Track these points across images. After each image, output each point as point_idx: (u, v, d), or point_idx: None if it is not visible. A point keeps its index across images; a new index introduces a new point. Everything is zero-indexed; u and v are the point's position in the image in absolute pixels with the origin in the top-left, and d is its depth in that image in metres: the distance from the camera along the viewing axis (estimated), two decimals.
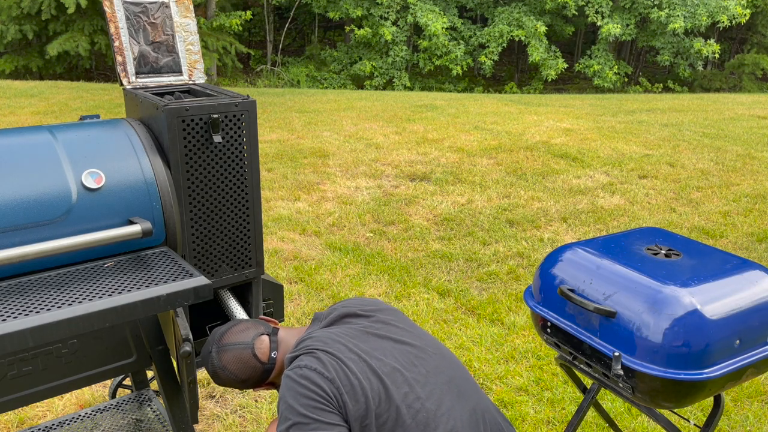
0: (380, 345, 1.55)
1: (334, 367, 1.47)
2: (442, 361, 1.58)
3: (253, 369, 1.62)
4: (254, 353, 1.61)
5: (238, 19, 15.36)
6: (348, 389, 1.45)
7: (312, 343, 1.55)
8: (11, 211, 1.47)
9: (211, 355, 1.63)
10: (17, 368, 1.55)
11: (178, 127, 1.74)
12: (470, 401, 1.53)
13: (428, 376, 1.52)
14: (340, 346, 1.52)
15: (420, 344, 1.59)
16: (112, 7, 1.90)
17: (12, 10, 13.55)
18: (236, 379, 1.61)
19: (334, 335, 1.57)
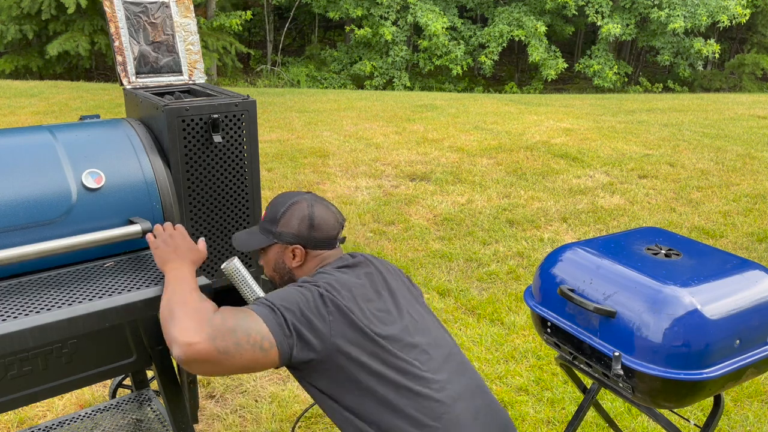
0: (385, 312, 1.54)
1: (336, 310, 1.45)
2: (443, 339, 1.58)
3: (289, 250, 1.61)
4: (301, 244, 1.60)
5: (238, 19, 15.36)
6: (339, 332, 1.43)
7: (329, 279, 1.52)
8: (11, 211, 1.47)
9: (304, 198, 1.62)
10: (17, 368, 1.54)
11: (178, 127, 1.74)
12: (470, 377, 1.53)
13: (431, 346, 1.52)
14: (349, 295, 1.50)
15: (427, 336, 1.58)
16: (112, 7, 1.90)
17: (12, 10, 13.55)
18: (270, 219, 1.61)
19: (352, 285, 1.53)
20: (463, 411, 1.45)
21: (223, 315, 1.34)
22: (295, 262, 1.61)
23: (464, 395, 1.48)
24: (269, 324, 1.35)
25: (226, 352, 1.29)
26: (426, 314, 1.62)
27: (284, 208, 1.61)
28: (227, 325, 1.31)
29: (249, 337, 1.32)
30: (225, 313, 1.35)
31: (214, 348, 1.28)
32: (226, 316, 1.34)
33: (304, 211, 1.60)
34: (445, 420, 1.41)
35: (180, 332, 1.29)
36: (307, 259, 1.61)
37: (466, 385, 1.51)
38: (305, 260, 1.61)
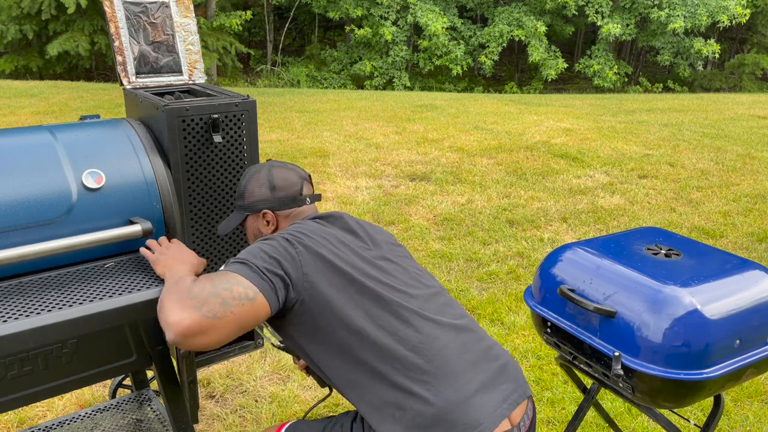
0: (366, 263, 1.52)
1: (303, 248, 1.45)
2: (429, 280, 1.58)
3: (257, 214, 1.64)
4: (270, 209, 1.63)
5: (238, 19, 15.36)
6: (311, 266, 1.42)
7: (299, 228, 1.53)
8: (11, 211, 1.47)
9: (264, 168, 1.66)
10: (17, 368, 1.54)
11: (178, 127, 1.74)
12: (457, 314, 1.51)
13: (412, 280, 1.52)
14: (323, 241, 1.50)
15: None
16: (112, 6, 1.90)
17: (12, 10, 13.54)
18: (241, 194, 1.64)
19: (323, 232, 1.53)
20: (448, 342, 1.42)
21: (201, 283, 1.33)
22: (269, 228, 1.65)
23: (448, 330, 1.45)
24: (246, 275, 1.35)
25: (215, 315, 1.28)
26: (411, 261, 1.62)
27: (245, 180, 1.66)
28: (207, 290, 1.31)
29: (232, 293, 1.32)
30: (202, 281, 1.34)
31: (202, 316, 1.27)
32: (204, 283, 1.33)
33: (263, 177, 1.65)
34: (425, 349, 1.38)
35: (167, 315, 1.29)
36: (279, 221, 1.65)
37: (451, 321, 1.48)
38: (278, 222, 1.65)
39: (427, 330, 1.41)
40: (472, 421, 1.32)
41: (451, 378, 1.36)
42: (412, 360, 1.36)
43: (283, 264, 1.39)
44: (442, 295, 1.55)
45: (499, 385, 1.41)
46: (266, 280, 1.36)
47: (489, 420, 1.33)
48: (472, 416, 1.32)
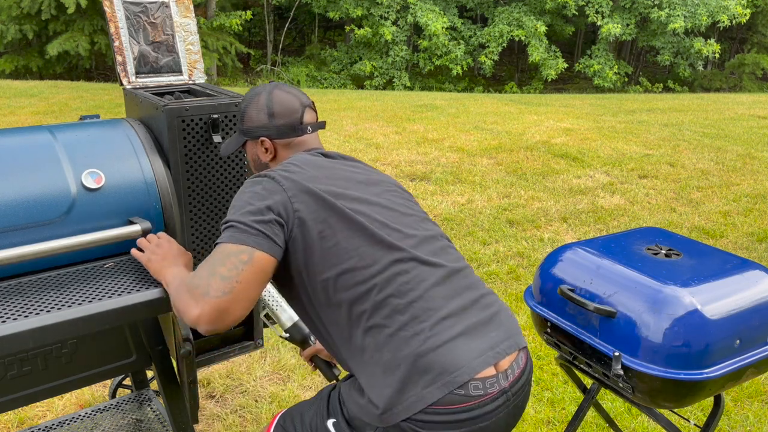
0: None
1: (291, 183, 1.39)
2: (428, 226, 1.49)
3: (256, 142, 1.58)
4: (268, 137, 1.56)
5: (238, 19, 15.35)
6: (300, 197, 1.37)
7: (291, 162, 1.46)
8: (11, 211, 1.47)
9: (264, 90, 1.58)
10: (17, 368, 1.55)
11: (178, 127, 1.73)
12: (441, 247, 1.45)
13: (404, 219, 1.45)
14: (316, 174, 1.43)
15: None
16: (112, 6, 1.90)
17: (12, 10, 13.54)
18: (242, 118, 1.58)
19: (317, 164, 1.47)
20: (436, 285, 1.35)
21: (199, 270, 1.32)
22: (268, 156, 1.58)
23: (440, 272, 1.37)
24: (235, 239, 1.31)
25: (225, 292, 1.27)
26: (412, 204, 1.53)
27: (245, 103, 1.59)
28: (206, 274, 1.30)
29: (226, 265, 1.29)
30: (200, 267, 1.33)
31: (214, 299, 1.26)
32: (201, 269, 1.32)
33: (262, 101, 1.57)
34: (410, 290, 1.31)
35: (187, 315, 1.29)
36: (278, 151, 1.58)
37: (445, 264, 1.40)
38: (276, 152, 1.58)
39: (415, 272, 1.34)
40: (449, 365, 1.24)
41: (432, 321, 1.29)
42: (393, 301, 1.30)
43: (273, 206, 1.34)
44: (440, 240, 1.46)
45: (488, 332, 1.33)
46: (257, 233, 1.31)
47: (469, 366, 1.25)
48: (450, 360, 1.25)
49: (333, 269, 1.33)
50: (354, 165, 1.54)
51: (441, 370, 1.24)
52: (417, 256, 1.37)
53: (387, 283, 1.31)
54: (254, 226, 1.32)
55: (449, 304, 1.33)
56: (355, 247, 1.34)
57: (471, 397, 1.24)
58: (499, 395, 1.29)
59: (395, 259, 1.34)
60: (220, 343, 2.05)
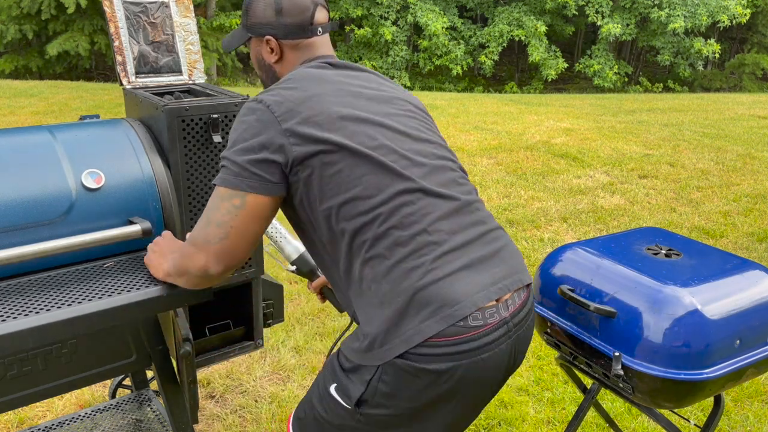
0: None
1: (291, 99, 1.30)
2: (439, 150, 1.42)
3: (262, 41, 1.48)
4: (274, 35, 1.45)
5: (238, 19, 15.35)
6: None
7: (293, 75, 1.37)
8: (11, 211, 1.47)
9: None
10: (17, 368, 1.54)
11: (177, 127, 1.73)
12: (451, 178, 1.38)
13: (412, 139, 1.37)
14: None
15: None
16: (112, 6, 1.90)
17: (12, 10, 13.54)
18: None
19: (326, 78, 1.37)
20: (441, 218, 1.29)
21: (198, 222, 1.32)
22: (273, 57, 1.47)
23: (448, 204, 1.31)
24: (227, 183, 1.27)
25: (221, 238, 1.26)
26: (426, 126, 1.43)
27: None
28: (202, 225, 1.29)
29: (220, 211, 1.26)
30: (200, 218, 1.32)
31: (215, 246, 1.27)
32: (198, 222, 1.31)
33: None
34: (414, 222, 1.25)
35: (195, 268, 1.30)
36: (284, 52, 1.47)
37: (453, 195, 1.33)
38: (282, 54, 1.47)
39: (422, 203, 1.28)
40: (450, 299, 1.21)
41: (434, 255, 1.24)
42: (395, 233, 1.25)
43: (267, 143, 1.26)
44: (452, 170, 1.38)
45: (491, 268, 1.29)
46: (249, 175, 1.25)
47: (469, 300, 1.22)
48: (451, 294, 1.21)
49: (335, 198, 1.27)
50: (364, 77, 1.43)
51: (441, 304, 1.21)
52: (424, 187, 1.29)
53: (391, 214, 1.25)
54: (247, 167, 1.26)
55: (453, 239, 1.28)
56: (359, 176, 1.27)
57: (471, 327, 1.22)
58: (499, 325, 1.26)
59: (401, 190, 1.27)
60: (220, 343, 2.05)
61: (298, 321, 3.33)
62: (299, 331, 3.21)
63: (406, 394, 1.23)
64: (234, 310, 2.10)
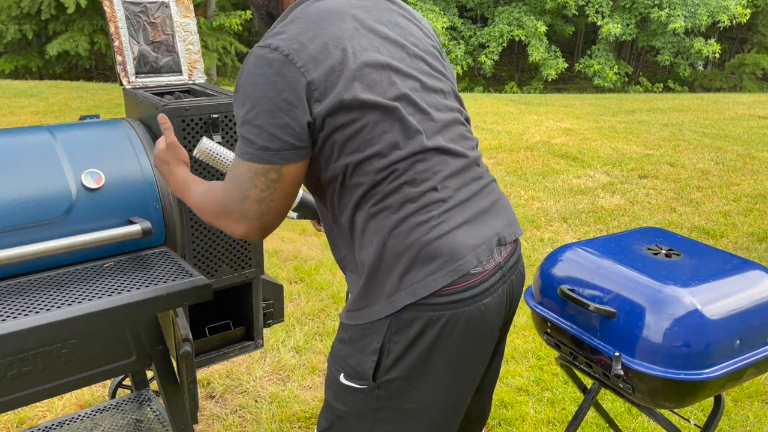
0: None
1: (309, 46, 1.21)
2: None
3: None
4: None
5: (238, 19, 15.36)
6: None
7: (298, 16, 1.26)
8: (11, 211, 1.47)
9: None
10: (17, 368, 1.54)
11: (178, 127, 1.73)
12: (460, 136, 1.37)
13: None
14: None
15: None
16: (112, 6, 1.90)
17: (12, 10, 13.54)
18: None
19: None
20: (450, 176, 1.29)
21: (227, 192, 1.25)
22: None
23: (457, 162, 1.31)
24: (258, 158, 1.20)
25: (262, 213, 1.24)
26: (441, 73, 1.39)
27: None
28: (237, 198, 1.24)
29: (258, 186, 1.21)
30: (227, 187, 1.26)
31: (255, 220, 1.25)
32: (230, 191, 1.25)
33: None
34: (427, 179, 1.26)
35: (232, 233, 1.29)
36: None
37: (461, 151, 1.33)
38: None
39: (435, 160, 1.28)
40: (454, 253, 1.24)
41: (440, 210, 1.26)
42: (406, 189, 1.25)
43: (292, 99, 1.18)
44: (460, 123, 1.38)
45: (489, 220, 1.33)
46: (281, 144, 1.19)
47: (473, 255, 1.25)
48: (455, 249, 1.24)
49: (353, 156, 1.23)
50: (380, 9, 1.35)
51: (446, 258, 1.23)
52: (439, 145, 1.29)
53: (405, 170, 1.25)
54: (277, 135, 1.18)
55: (458, 195, 1.30)
56: (380, 134, 1.24)
57: (471, 275, 1.25)
58: (495, 270, 1.30)
59: (417, 148, 1.26)
60: (220, 343, 2.05)
61: (298, 321, 3.33)
62: (299, 331, 3.21)
63: (416, 350, 1.25)
64: (234, 310, 2.10)
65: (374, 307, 1.26)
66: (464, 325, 1.26)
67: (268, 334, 3.14)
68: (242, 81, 1.21)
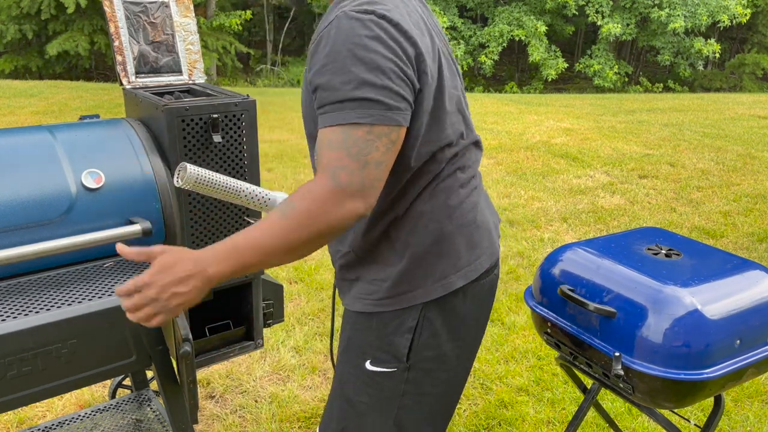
0: None
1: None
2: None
3: None
4: None
5: (237, 19, 15.37)
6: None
7: None
8: (11, 211, 1.47)
9: None
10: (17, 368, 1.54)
11: (177, 126, 1.73)
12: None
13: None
14: None
15: None
16: (112, 6, 1.90)
17: (12, 10, 13.55)
18: None
19: None
20: (476, 153, 1.40)
21: (342, 166, 1.09)
22: None
23: (477, 140, 1.42)
24: (380, 119, 1.10)
25: (379, 178, 1.13)
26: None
27: None
28: (353, 166, 1.09)
29: (380, 150, 1.11)
30: (339, 167, 1.10)
31: (371, 191, 1.12)
32: (344, 161, 1.10)
33: None
34: (472, 176, 1.37)
35: (351, 212, 1.10)
36: None
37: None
38: None
39: (473, 150, 1.39)
40: (490, 240, 1.39)
41: (476, 197, 1.38)
42: (459, 175, 1.32)
43: (410, 63, 1.14)
44: (469, 114, 1.46)
45: (491, 206, 1.48)
46: (404, 106, 1.14)
47: (497, 237, 1.44)
48: (489, 235, 1.39)
49: (435, 142, 1.24)
50: (421, 3, 1.34)
51: (487, 244, 1.37)
52: (473, 138, 1.39)
53: (461, 158, 1.33)
54: (404, 96, 1.13)
55: (480, 182, 1.43)
56: (452, 123, 1.27)
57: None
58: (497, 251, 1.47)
59: (472, 137, 1.37)
60: (220, 343, 2.05)
61: (298, 321, 3.33)
62: (299, 331, 3.21)
63: (450, 323, 1.33)
64: (234, 310, 2.10)
65: (418, 291, 1.30)
66: (487, 293, 1.40)
67: (268, 334, 3.14)
68: (348, 46, 1.10)
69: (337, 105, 1.11)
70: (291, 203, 1.11)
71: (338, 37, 1.11)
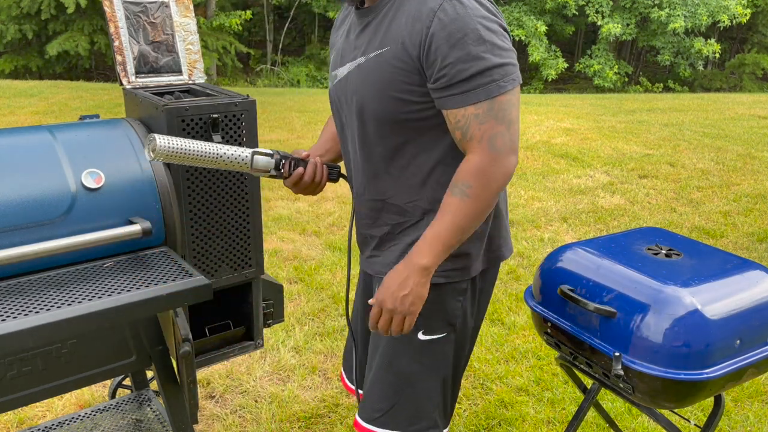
0: None
1: None
2: None
3: None
4: None
5: (237, 19, 15.36)
6: None
7: None
8: (10, 211, 1.47)
9: None
10: (17, 368, 1.54)
11: (177, 126, 1.73)
12: None
13: None
14: None
15: None
16: (112, 6, 1.90)
17: (12, 10, 13.55)
18: None
19: None
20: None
21: (500, 132, 1.32)
22: None
23: None
24: (518, 80, 1.33)
25: (517, 134, 1.36)
26: None
27: None
28: (501, 128, 1.30)
29: (516, 108, 1.33)
30: (492, 135, 1.32)
31: (516, 145, 1.34)
32: (496, 124, 1.31)
33: None
34: None
35: (509, 170, 1.33)
36: None
37: None
38: None
39: None
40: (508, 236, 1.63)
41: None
42: None
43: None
44: None
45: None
46: (517, 65, 1.35)
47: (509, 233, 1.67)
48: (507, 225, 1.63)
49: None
50: None
51: (506, 240, 1.62)
52: None
53: None
54: (516, 64, 1.34)
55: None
56: None
57: None
58: None
59: None
60: (220, 344, 2.05)
61: (298, 321, 3.33)
62: (299, 331, 3.21)
63: (483, 292, 1.59)
64: (234, 310, 2.10)
65: (477, 263, 1.50)
66: (497, 274, 1.66)
67: (268, 334, 3.15)
68: (476, 24, 1.26)
69: (486, 73, 1.26)
70: (465, 183, 1.30)
71: (464, 15, 1.25)
